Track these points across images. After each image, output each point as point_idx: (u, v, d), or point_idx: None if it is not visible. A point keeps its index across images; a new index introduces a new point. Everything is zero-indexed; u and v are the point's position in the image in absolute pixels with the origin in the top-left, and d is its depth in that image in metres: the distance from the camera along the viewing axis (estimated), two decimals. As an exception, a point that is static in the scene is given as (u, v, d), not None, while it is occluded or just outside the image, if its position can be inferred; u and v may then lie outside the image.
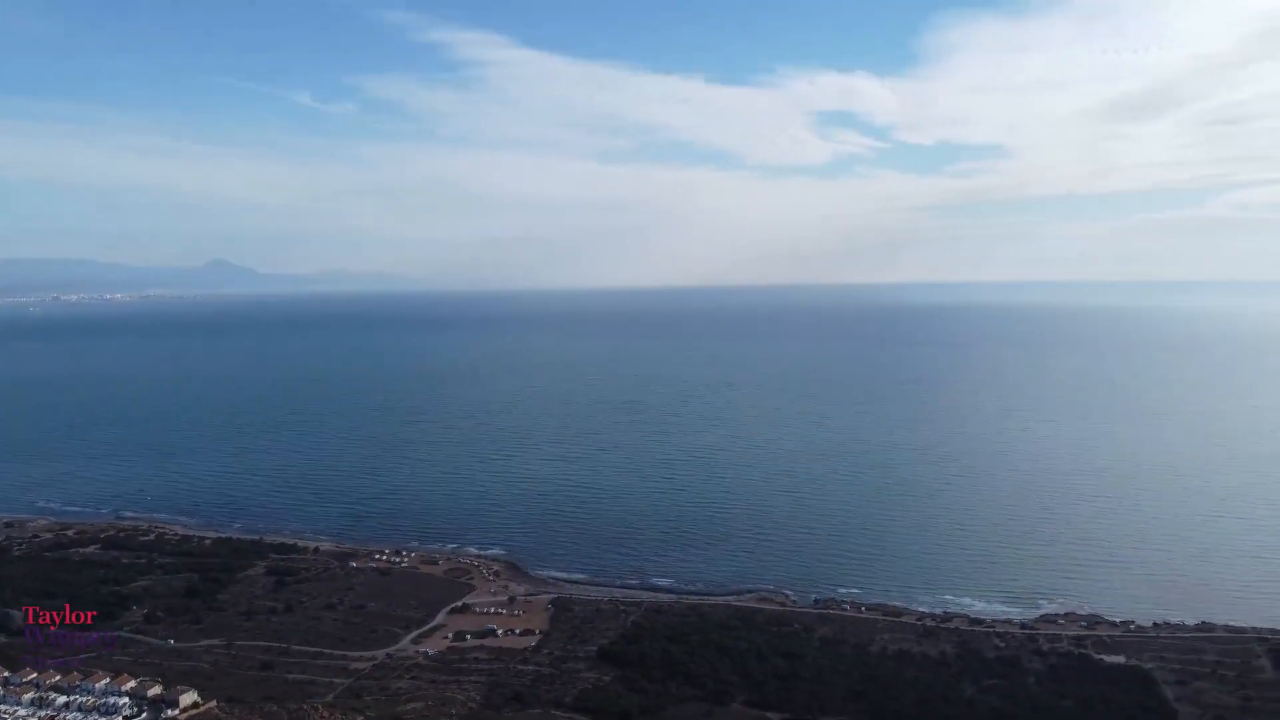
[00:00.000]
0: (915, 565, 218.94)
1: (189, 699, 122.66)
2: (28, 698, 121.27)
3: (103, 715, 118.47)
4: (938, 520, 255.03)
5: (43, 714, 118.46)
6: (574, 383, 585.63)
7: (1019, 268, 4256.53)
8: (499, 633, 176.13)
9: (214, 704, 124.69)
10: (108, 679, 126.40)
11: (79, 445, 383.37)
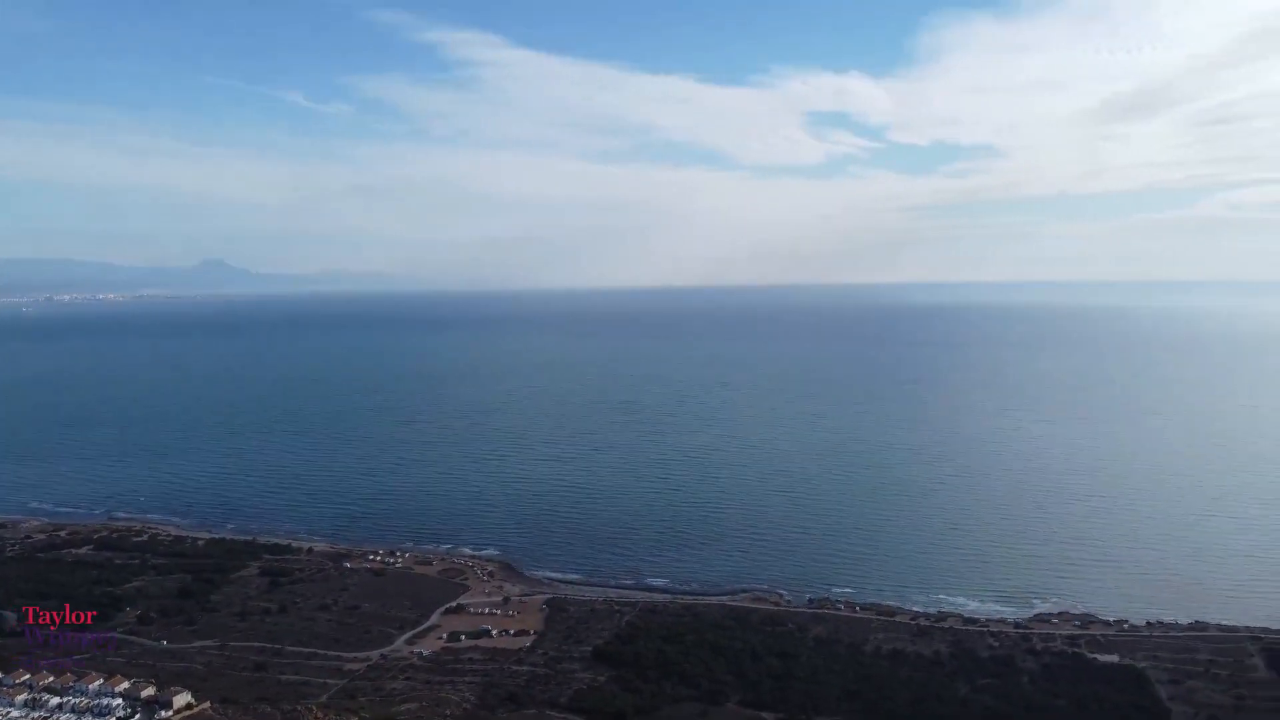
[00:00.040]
0: (909, 565, 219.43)
1: (183, 700, 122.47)
2: (21, 699, 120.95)
3: (96, 716, 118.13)
4: (932, 520, 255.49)
5: (36, 715, 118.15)
6: (571, 383, 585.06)
7: (1017, 268, 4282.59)
8: (493, 633, 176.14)
9: (208, 705, 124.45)
10: (101, 680, 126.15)
11: (72, 446, 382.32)
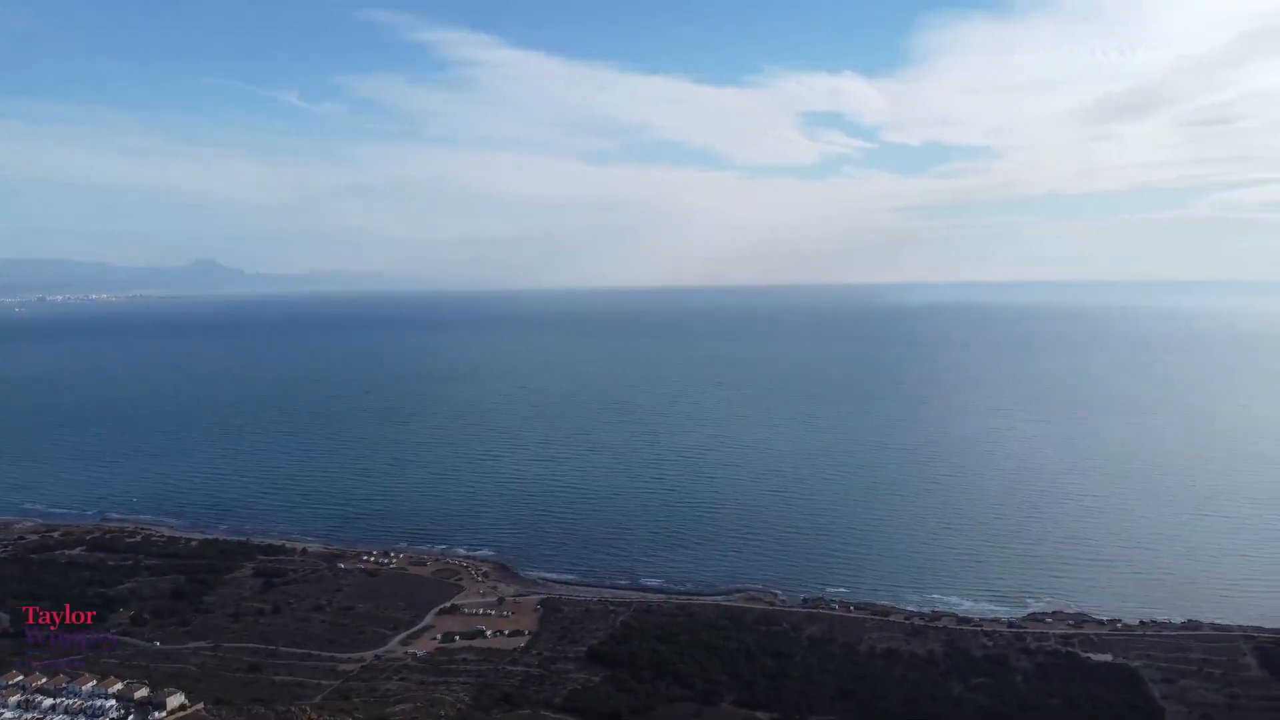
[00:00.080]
0: (903, 564, 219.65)
1: (176, 701, 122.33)
2: (14, 700, 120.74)
3: (89, 718, 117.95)
4: (926, 520, 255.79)
5: (29, 716, 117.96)
6: (569, 383, 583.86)
7: (1014, 268, 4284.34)
8: (488, 634, 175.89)
9: (201, 706, 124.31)
10: (94, 681, 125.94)
11: (64, 446, 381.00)
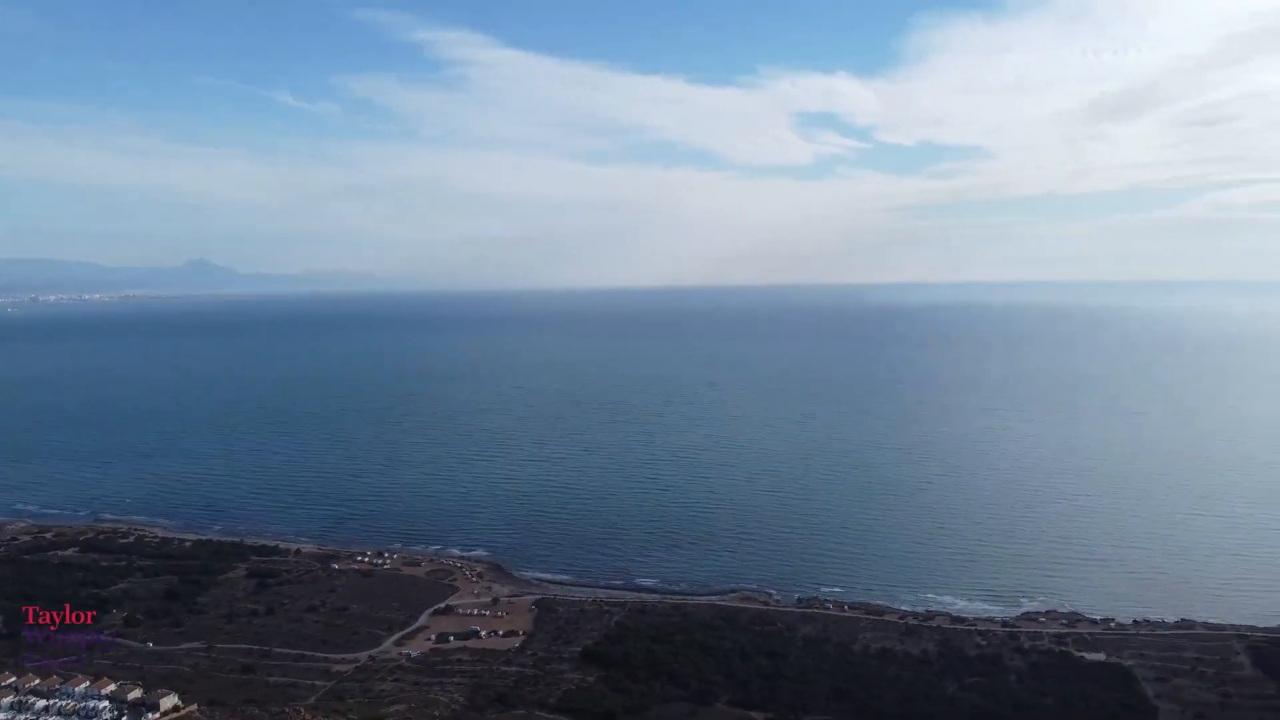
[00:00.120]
0: (897, 564, 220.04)
1: (169, 702, 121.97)
2: (7, 701, 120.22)
3: (82, 719, 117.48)
4: (920, 519, 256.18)
5: (22, 718, 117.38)
6: (567, 383, 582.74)
7: (1012, 268, 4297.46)
8: (482, 634, 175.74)
9: (195, 707, 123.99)
10: (87, 682, 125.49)
11: (57, 447, 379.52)
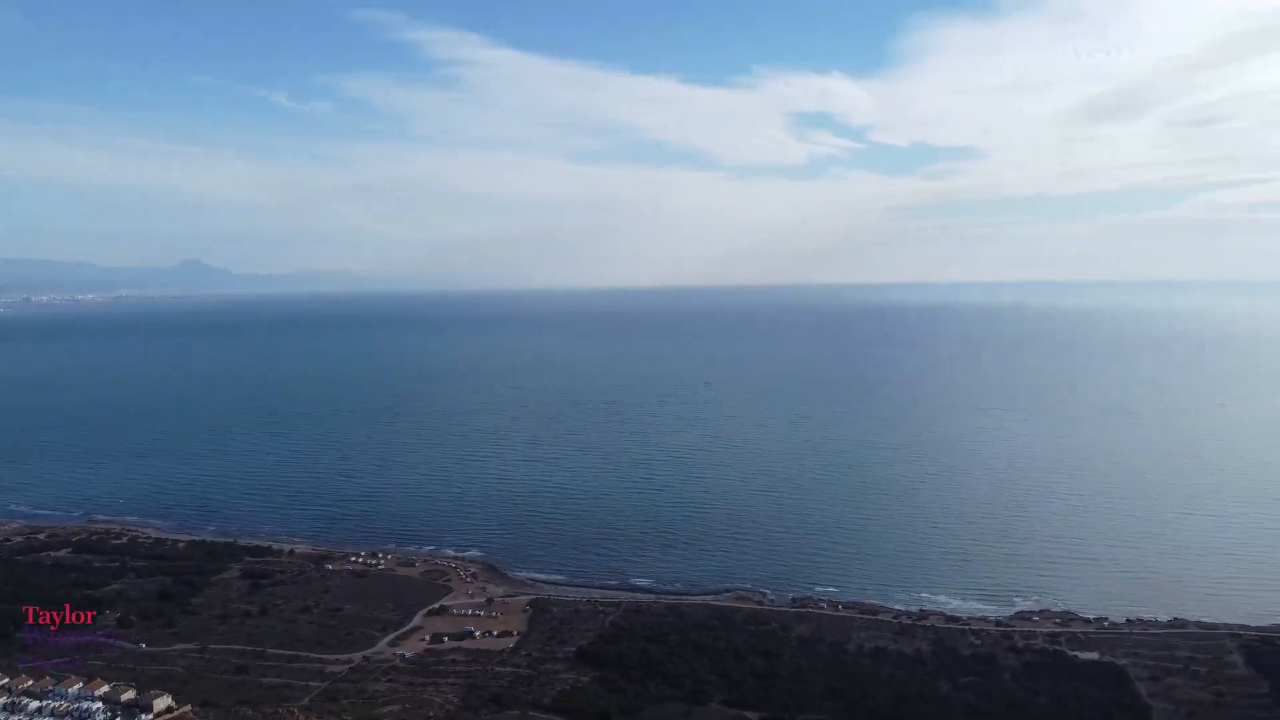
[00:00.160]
0: (891, 563, 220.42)
1: (163, 703, 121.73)
2: (0, 702, 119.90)
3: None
4: (913, 519, 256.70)
5: (15, 719, 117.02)
6: (566, 383, 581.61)
7: (1009, 268, 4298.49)
8: (476, 634, 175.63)
9: (188, 708, 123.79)
10: (81, 684, 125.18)
11: (49, 447, 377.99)
